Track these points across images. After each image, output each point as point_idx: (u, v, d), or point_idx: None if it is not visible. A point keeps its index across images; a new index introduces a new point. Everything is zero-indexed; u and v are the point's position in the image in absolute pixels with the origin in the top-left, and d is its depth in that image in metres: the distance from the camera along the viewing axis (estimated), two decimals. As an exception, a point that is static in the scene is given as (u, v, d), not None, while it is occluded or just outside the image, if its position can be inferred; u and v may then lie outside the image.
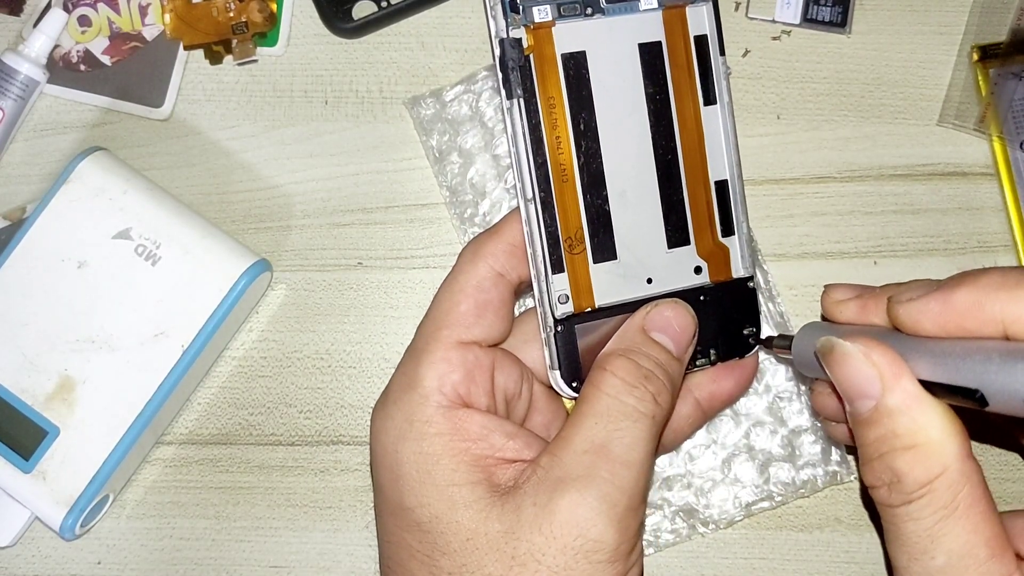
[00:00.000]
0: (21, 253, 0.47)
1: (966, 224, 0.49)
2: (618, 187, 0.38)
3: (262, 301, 0.50)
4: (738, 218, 0.39)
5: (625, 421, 0.34)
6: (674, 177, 0.39)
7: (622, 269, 0.38)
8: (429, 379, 0.36)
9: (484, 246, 0.38)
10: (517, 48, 0.36)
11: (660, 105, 0.38)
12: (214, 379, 0.50)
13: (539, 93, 0.37)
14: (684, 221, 0.39)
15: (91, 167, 0.48)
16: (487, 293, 0.37)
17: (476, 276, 0.37)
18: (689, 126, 0.39)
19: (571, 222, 0.37)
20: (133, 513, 0.49)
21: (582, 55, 0.37)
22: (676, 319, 0.37)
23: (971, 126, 0.49)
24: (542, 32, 0.37)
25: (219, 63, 0.51)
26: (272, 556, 0.48)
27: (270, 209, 0.51)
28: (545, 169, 0.37)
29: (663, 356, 0.36)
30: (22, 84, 0.50)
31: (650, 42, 0.38)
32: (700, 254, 0.39)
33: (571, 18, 0.37)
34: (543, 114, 0.37)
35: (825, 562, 0.47)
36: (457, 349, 0.36)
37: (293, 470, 0.49)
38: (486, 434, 0.35)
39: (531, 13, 0.37)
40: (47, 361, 0.46)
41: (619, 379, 0.35)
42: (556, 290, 0.37)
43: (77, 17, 0.51)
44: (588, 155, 0.37)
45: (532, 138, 0.36)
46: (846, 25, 0.50)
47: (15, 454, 0.46)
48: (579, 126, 0.37)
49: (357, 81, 0.51)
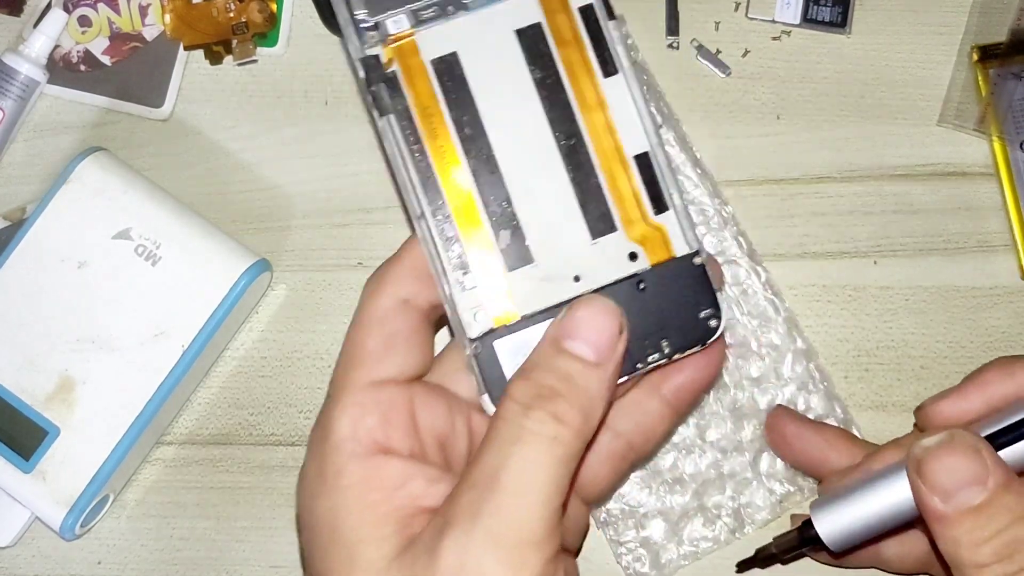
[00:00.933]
0: (21, 253, 0.47)
1: (966, 224, 0.49)
2: (521, 187, 0.35)
3: (262, 301, 0.50)
4: (667, 191, 0.35)
5: (516, 446, 0.30)
6: (583, 161, 0.35)
7: (542, 272, 0.35)
8: (341, 426, 0.32)
9: (384, 275, 0.35)
10: (379, 65, 0.35)
11: (552, 89, 0.35)
12: (214, 379, 0.50)
13: (412, 105, 0.35)
14: (605, 206, 0.35)
15: (91, 167, 0.48)
16: (393, 324, 0.34)
17: (379, 308, 0.34)
18: (590, 103, 0.35)
19: (473, 232, 0.35)
20: (133, 513, 0.49)
21: (453, 56, 0.35)
22: (590, 319, 0.33)
23: (971, 126, 0.49)
24: (404, 44, 0.35)
25: (219, 63, 0.51)
26: (272, 556, 0.48)
27: (270, 209, 0.51)
28: (433, 182, 0.35)
29: (574, 367, 0.32)
30: (22, 84, 0.50)
31: (527, 26, 0.35)
32: (632, 238, 0.35)
33: (432, 22, 0.35)
34: (421, 126, 0.35)
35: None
36: (369, 391, 0.33)
37: (293, 470, 0.49)
38: (404, 482, 0.32)
39: (385, 27, 0.35)
40: (47, 361, 0.46)
41: (514, 401, 0.31)
42: (468, 307, 0.34)
43: (77, 17, 0.51)
44: (479, 158, 0.35)
45: (412, 152, 0.34)
46: (846, 25, 0.50)
47: (15, 454, 0.46)
48: (464, 131, 0.35)
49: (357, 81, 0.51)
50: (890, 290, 0.49)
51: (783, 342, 0.48)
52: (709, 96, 0.50)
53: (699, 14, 0.50)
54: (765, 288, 0.48)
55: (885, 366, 0.48)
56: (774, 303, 0.48)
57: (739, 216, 0.49)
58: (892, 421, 0.48)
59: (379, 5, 0.35)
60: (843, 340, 0.48)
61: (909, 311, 0.48)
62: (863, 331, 0.48)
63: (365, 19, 0.35)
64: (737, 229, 0.48)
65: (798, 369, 0.48)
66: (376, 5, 0.35)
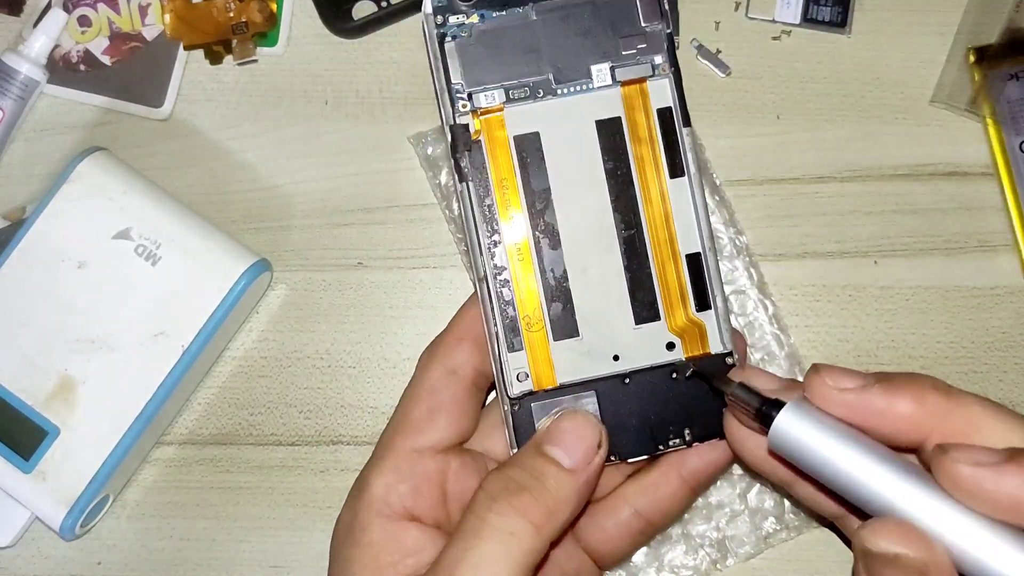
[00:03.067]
0: (21, 253, 0.47)
1: (966, 224, 0.49)
2: (579, 264, 0.38)
3: (262, 301, 0.50)
4: (713, 292, 0.38)
5: (475, 540, 0.32)
6: (639, 252, 0.38)
7: (586, 347, 0.37)
8: (376, 487, 0.36)
9: (436, 347, 0.38)
10: (465, 133, 0.37)
11: (621, 180, 0.38)
12: (214, 379, 0.50)
13: (491, 175, 0.37)
14: (652, 296, 0.38)
15: (91, 167, 0.48)
16: (438, 395, 0.37)
17: (428, 380, 0.37)
18: (654, 200, 0.38)
19: (528, 300, 0.37)
20: (133, 513, 0.49)
21: (535, 136, 0.38)
22: (573, 430, 0.35)
23: (963, 107, 0.49)
24: (492, 117, 0.38)
25: (219, 63, 0.51)
26: (272, 556, 0.48)
27: (270, 209, 0.51)
28: (500, 248, 0.37)
29: (548, 468, 0.34)
30: (22, 84, 0.50)
31: (608, 118, 0.38)
32: (672, 330, 0.38)
33: (522, 102, 0.38)
34: (496, 195, 0.37)
35: (826, 562, 0.47)
36: (408, 459, 0.36)
37: (293, 470, 0.49)
38: (419, 549, 0.35)
39: (479, 99, 0.37)
40: (47, 361, 0.46)
41: (484, 492, 0.33)
42: (513, 368, 0.37)
43: (77, 17, 0.51)
44: (545, 234, 0.38)
45: (484, 219, 0.37)
46: (846, 25, 0.50)
47: (15, 454, 0.46)
48: (534, 205, 0.37)
49: (357, 81, 0.51)
50: (890, 290, 0.49)
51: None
52: (709, 96, 0.50)
53: (699, 14, 0.50)
54: (771, 322, 0.48)
55: (885, 366, 0.48)
56: (779, 338, 0.48)
57: (739, 216, 0.49)
58: (892, 421, 0.48)
59: (475, 78, 0.37)
60: (843, 340, 0.48)
61: (909, 311, 0.48)
62: (863, 331, 0.48)
63: (460, 89, 0.37)
64: (749, 260, 0.48)
65: None
66: (473, 77, 0.37)
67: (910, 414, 0.30)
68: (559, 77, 0.38)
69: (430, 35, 0.38)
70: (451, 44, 0.37)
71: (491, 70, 0.37)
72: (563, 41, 0.38)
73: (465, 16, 0.38)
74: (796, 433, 0.31)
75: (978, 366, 0.48)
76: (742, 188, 0.49)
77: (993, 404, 0.30)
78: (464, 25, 0.38)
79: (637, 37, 0.38)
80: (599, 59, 0.38)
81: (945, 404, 0.29)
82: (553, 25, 0.38)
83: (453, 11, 0.38)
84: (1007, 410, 0.29)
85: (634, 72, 0.38)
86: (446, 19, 0.37)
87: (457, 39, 0.37)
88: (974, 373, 0.48)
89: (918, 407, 0.30)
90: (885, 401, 0.30)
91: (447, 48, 0.37)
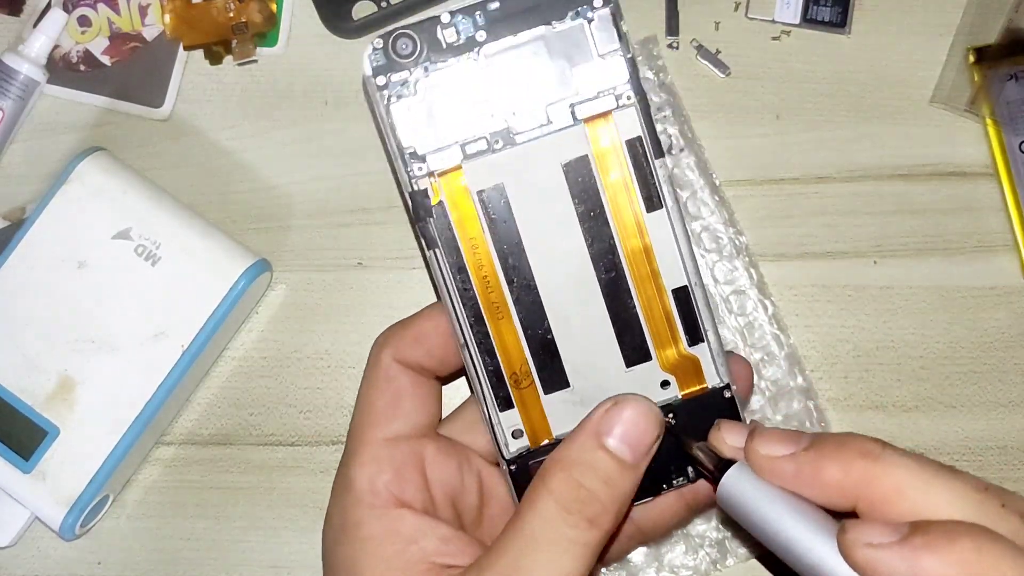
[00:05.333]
0: (21, 253, 0.47)
1: (966, 224, 0.49)
2: (560, 314, 0.36)
3: (262, 301, 0.50)
4: (704, 325, 0.36)
5: (552, 550, 0.32)
6: (622, 293, 0.36)
7: (578, 396, 0.36)
8: (360, 480, 0.35)
9: (388, 340, 0.37)
10: (426, 199, 0.35)
11: (595, 222, 0.36)
12: (214, 379, 0.50)
13: (458, 236, 0.35)
14: (641, 337, 0.36)
15: (91, 167, 0.48)
16: (397, 382, 0.36)
17: (382, 368, 0.36)
18: (632, 237, 0.36)
19: (513, 357, 0.36)
20: (133, 513, 0.49)
21: (500, 188, 0.35)
22: (637, 421, 0.33)
23: (963, 107, 0.49)
24: (451, 176, 0.35)
25: (219, 63, 0.51)
26: (272, 556, 0.48)
27: (270, 209, 0.51)
28: (476, 310, 0.36)
29: (613, 468, 0.33)
30: (22, 84, 0.50)
31: (574, 159, 0.36)
32: (665, 368, 0.37)
33: (480, 155, 0.35)
34: (466, 256, 0.35)
35: (825, 562, 0.47)
36: (384, 447, 0.35)
37: (293, 470, 0.49)
38: (417, 537, 0.34)
39: (434, 160, 0.35)
40: (47, 361, 0.46)
41: (555, 502, 0.32)
42: (507, 427, 0.36)
43: (77, 17, 0.51)
44: (521, 288, 0.36)
45: (457, 282, 0.35)
46: (846, 25, 0.50)
47: (15, 454, 0.46)
48: (507, 260, 0.36)
49: (357, 81, 0.51)
50: (890, 290, 0.49)
51: (784, 378, 0.48)
52: (709, 96, 0.50)
53: (699, 14, 0.50)
54: (771, 322, 0.48)
55: (885, 366, 0.48)
56: (779, 338, 0.48)
57: (739, 216, 0.49)
58: (892, 421, 0.48)
59: (428, 139, 0.35)
60: (843, 340, 0.48)
61: (909, 311, 0.48)
62: (863, 331, 0.48)
63: (414, 152, 0.35)
64: (749, 260, 0.48)
65: (796, 406, 0.47)
66: (424, 139, 0.35)
67: (837, 482, 0.30)
68: (516, 124, 0.35)
69: (374, 98, 0.35)
70: (397, 105, 0.35)
71: (444, 127, 0.35)
72: (515, 84, 0.35)
73: (408, 72, 0.35)
74: (736, 497, 0.32)
75: (978, 366, 0.48)
76: (742, 188, 0.49)
77: (925, 466, 0.29)
78: (407, 83, 0.35)
79: (594, 67, 0.35)
80: (556, 98, 0.35)
81: (871, 470, 0.29)
82: (502, 68, 0.35)
83: (395, 69, 0.35)
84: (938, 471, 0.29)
85: (596, 107, 0.35)
86: (388, 79, 0.35)
87: (403, 98, 0.35)
88: (974, 373, 0.48)
89: (844, 475, 0.29)
90: (813, 469, 0.30)
91: (393, 111, 0.35)
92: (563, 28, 0.35)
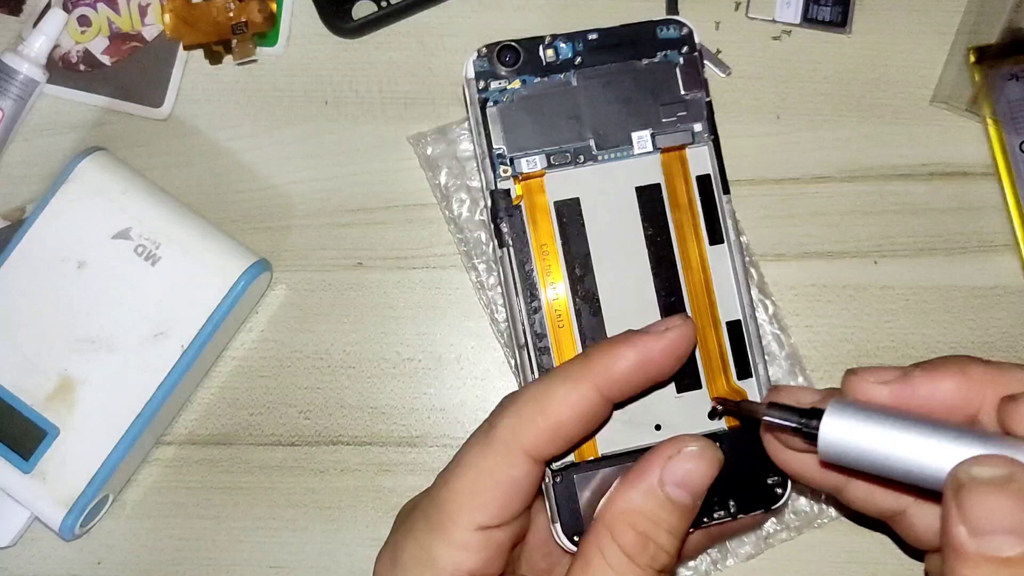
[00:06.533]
0: (21, 253, 0.47)
1: (966, 224, 0.49)
2: (619, 330, 0.35)
3: (262, 301, 0.50)
4: (754, 360, 0.38)
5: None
6: None
7: (627, 416, 0.37)
8: (444, 562, 0.33)
9: (521, 425, 0.33)
10: (506, 199, 0.37)
11: (661, 247, 0.38)
12: (214, 379, 0.50)
13: (531, 241, 0.37)
14: (694, 365, 0.37)
15: (91, 167, 0.48)
16: (516, 472, 0.33)
17: (508, 455, 0.33)
18: (694, 267, 0.38)
19: None
20: (133, 513, 0.49)
21: (575, 201, 0.38)
22: (700, 467, 0.33)
23: (963, 107, 0.49)
24: (532, 182, 0.37)
25: (219, 63, 0.51)
26: (272, 556, 0.48)
27: (270, 209, 0.51)
28: (539, 315, 0.37)
29: (675, 518, 0.33)
30: (22, 84, 0.50)
31: (647, 185, 0.38)
32: (713, 398, 0.37)
33: (562, 167, 0.37)
34: (536, 261, 0.37)
35: (825, 562, 0.47)
36: (477, 534, 0.34)
37: (293, 470, 0.49)
38: None
39: (520, 164, 0.37)
40: (47, 361, 0.46)
41: (624, 555, 0.32)
42: None
43: (77, 17, 0.51)
44: (585, 300, 0.37)
45: (524, 285, 0.37)
46: (846, 25, 0.50)
47: (15, 454, 0.46)
48: (574, 271, 0.37)
49: (357, 81, 0.51)
50: (890, 290, 0.49)
51: (785, 378, 0.48)
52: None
53: (699, 14, 0.50)
54: (771, 322, 0.48)
55: (885, 366, 0.48)
56: (779, 338, 0.48)
57: (739, 216, 0.49)
58: (892, 421, 0.48)
59: (517, 143, 0.37)
60: (843, 340, 0.48)
61: (909, 311, 0.48)
62: (863, 331, 0.48)
63: (502, 153, 0.37)
64: (749, 260, 0.48)
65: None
66: (514, 142, 0.37)
67: (956, 388, 0.30)
68: (600, 143, 0.38)
69: (472, 100, 0.37)
70: (493, 109, 0.37)
71: (532, 135, 0.37)
72: (604, 107, 0.38)
73: (507, 81, 0.37)
74: (845, 434, 0.29)
75: (978, 366, 0.48)
76: (742, 188, 0.49)
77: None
78: (506, 90, 0.38)
79: (677, 105, 0.38)
80: (640, 126, 0.38)
81: (989, 373, 0.30)
82: (594, 91, 0.38)
83: (495, 76, 0.37)
84: None
85: (674, 139, 0.38)
86: (488, 84, 0.37)
87: (499, 104, 0.37)
88: (974, 373, 0.48)
89: (964, 380, 0.30)
90: (929, 382, 0.30)
91: (489, 113, 0.37)
92: (652, 65, 0.38)
